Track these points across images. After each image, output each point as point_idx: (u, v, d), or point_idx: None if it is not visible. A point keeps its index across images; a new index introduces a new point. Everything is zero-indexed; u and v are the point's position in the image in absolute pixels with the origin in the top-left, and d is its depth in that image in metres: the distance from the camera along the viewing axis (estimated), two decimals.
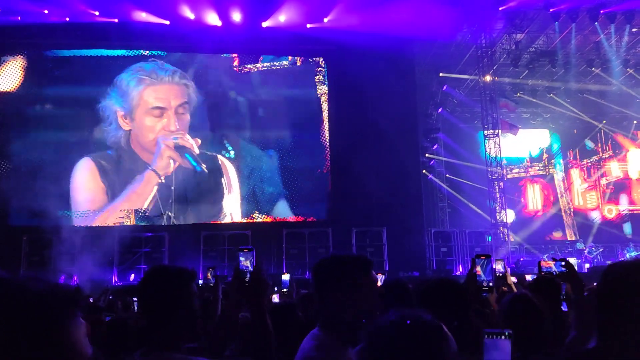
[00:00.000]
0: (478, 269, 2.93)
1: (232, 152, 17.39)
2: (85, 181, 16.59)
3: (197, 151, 16.65)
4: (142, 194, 16.58)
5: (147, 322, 2.06)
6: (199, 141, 16.78)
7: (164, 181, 16.56)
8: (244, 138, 17.55)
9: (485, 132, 17.82)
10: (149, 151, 16.61)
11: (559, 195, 21.48)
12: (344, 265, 2.14)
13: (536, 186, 21.67)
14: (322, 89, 18.28)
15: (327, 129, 18.03)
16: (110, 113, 16.72)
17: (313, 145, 17.95)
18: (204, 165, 16.61)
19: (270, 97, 17.74)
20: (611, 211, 21.30)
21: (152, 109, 16.65)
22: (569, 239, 20.78)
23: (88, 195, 16.54)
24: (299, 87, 18.17)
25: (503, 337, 1.74)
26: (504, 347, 1.74)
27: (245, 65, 18.11)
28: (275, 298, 6.28)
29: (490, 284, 2.95)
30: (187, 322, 2.05)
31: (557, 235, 21.01)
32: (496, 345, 1.75)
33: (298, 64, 18.46)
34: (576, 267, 3.43)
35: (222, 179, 17.18)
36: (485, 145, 17.84)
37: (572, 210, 21.46)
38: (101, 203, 16.52)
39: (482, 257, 2.93)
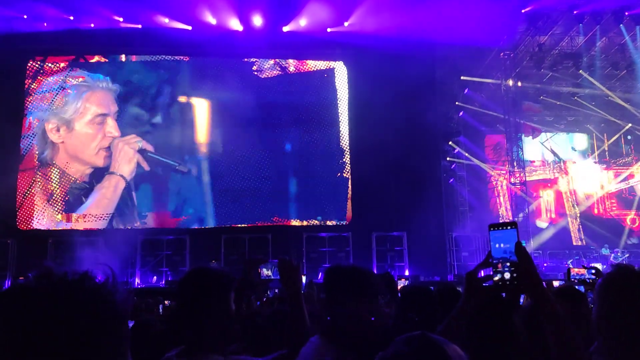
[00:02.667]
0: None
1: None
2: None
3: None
4: (112, 199, 16.82)
5: (183, 323, 2.04)
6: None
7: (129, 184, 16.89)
8: (262, 141, 17.61)
9: (507, 135, 17.63)
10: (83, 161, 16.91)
11: (572, 203, 21.02)
12: (367, 280, 2.10)
13: (550, 192, 21.28)
14: (342, 93, 18.29)
15: (347, 133, 18.02)
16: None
17: (332, 149, 17.96)
18: (183, 167, 16.96)
19: (290, 101, 17.80)
20: (634, 221, 20.85)
21: (96, 116, 16.98)
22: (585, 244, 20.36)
23: None
24: (319, 91, 18.21)
25: (508, 227, 1.79)
26: (510, 236, 1.78)
27: (266, 70, 18.22)
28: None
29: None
30: (224, 325, 2.05)
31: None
32: (503, 235, 1.79)
33: (318, 68, 18.50)
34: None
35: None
36: (515, 150, 17.65)
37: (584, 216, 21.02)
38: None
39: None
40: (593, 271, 3.00)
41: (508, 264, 1.74)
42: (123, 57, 17.88)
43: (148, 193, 17.07)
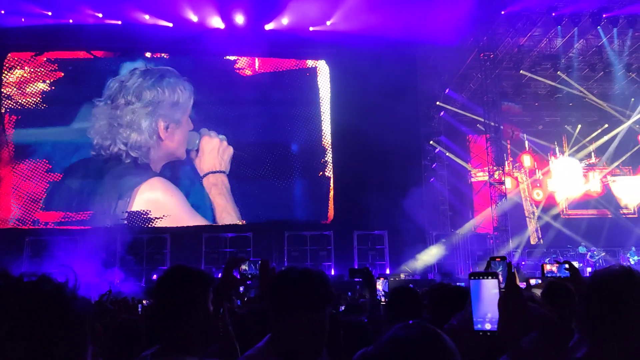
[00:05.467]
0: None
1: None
2: None
3: None
4: (229, 198, 17.57)
5: (161, 323, 2.00)
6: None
7: None
8: (244, 139, 17.53)
9: (487, 135, 17.79)
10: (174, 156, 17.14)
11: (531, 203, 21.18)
12: (316, 288, 1.86)
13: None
14: (324, 92, 18.30)
15: (329, 131, 18.04)
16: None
17: (314, 148, 17.97)
18: None
19: (271, 99, 17.74)
20: None
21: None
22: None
23: None
24: (301, 90, 18.19)
25: (490, 277, 1.77)
26: (490, 286, 1.75)
27: (248, 68, 18.15)
28: None
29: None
30: (202, 325, 2.02)
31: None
32: (482, 286, 1.76)
33: (300, 67, 18.48)
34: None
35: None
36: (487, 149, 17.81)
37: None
38: None
39: (498, 260, 2.38)
40: (566, 266, 3.00)
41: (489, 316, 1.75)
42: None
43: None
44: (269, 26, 17.63)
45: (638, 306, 1.80)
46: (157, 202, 16.66)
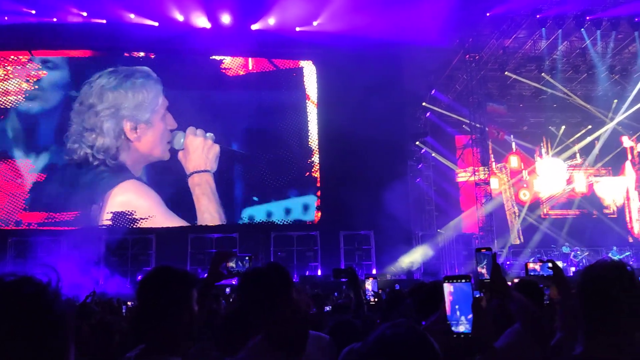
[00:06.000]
0: (482, 269, 2.42)
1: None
2: None
3: None
4: (212, 197, 17.40)
5: (145, 323, 1.98)
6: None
7: None
8: (230, 140, 17.47)
9: (472, 136, 17.92)
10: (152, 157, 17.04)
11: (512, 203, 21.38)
12: (279, 276, 2.12)
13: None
14: (311, 92, 18.30)
15: (316, 131, 18.04)
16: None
17: (301, 148, 17.96)
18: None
19: (258, 99, 17.71)
20: None
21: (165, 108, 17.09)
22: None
23: None
24: (288, 90, 18.18)
25: (463, 280, 1.83)
26: (464, 290, 1.81)
27: (234, 67, 18.09)
28: None
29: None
30: (187, 325, 2.00)
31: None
32: (456, 290, 1.82)
33: (287, 67, 18.47)
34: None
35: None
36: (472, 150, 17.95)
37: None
38: None
39: (483, 251, 2.40)
40: (549, 265, 3.02)
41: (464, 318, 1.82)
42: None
43: None
44: (255, 26, 17.59)
45: (629, 301, 1.81)
46: (130, 205, 16.48)
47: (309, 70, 18.41)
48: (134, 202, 16.50)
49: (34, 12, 16.43)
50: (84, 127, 16.52)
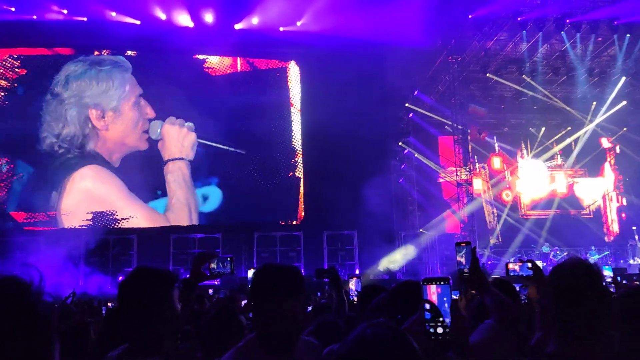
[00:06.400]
0: (461, 258, 2.47)
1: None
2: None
3: None
4: (184, 186, 17.31)
5: (127, 324, 1.98)
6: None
7: None
8: (212, 140, 17.37)
9: (454, 136, 18.06)
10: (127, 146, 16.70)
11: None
12: (298, 278, 2.11)
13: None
14: (294, 92, 18.28)
15: (299, 132, 18.03)
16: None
17: (284, 149, 17.94)
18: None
19: (241, 99, 17.63)
20: None
21: (138, 96, 16.90)
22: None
23: None
24: (271, 90, 18.14)
25: (442, 282, 1.88)
26: (443, 292, 1.86)
27: (217, 67, 18.00)
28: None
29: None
30: (170, 325, 2.01)
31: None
32: (434, 292, 1.87)
33: (270, 67, 18.43)
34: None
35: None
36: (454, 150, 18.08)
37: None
38: None
39: (463, 245, 2.45)
40: (529, 265, 3.06)
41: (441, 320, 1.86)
42: None
43: None
44: (238, 25, 17.53)
45: (598, 299, 1.84)
46: (88, 192, 16.19)
47: (292, 70, 18.40)
48: (92, 187, 16.22)
49: (13, 9, 16.18)
50: (51, 117, 16.36)
